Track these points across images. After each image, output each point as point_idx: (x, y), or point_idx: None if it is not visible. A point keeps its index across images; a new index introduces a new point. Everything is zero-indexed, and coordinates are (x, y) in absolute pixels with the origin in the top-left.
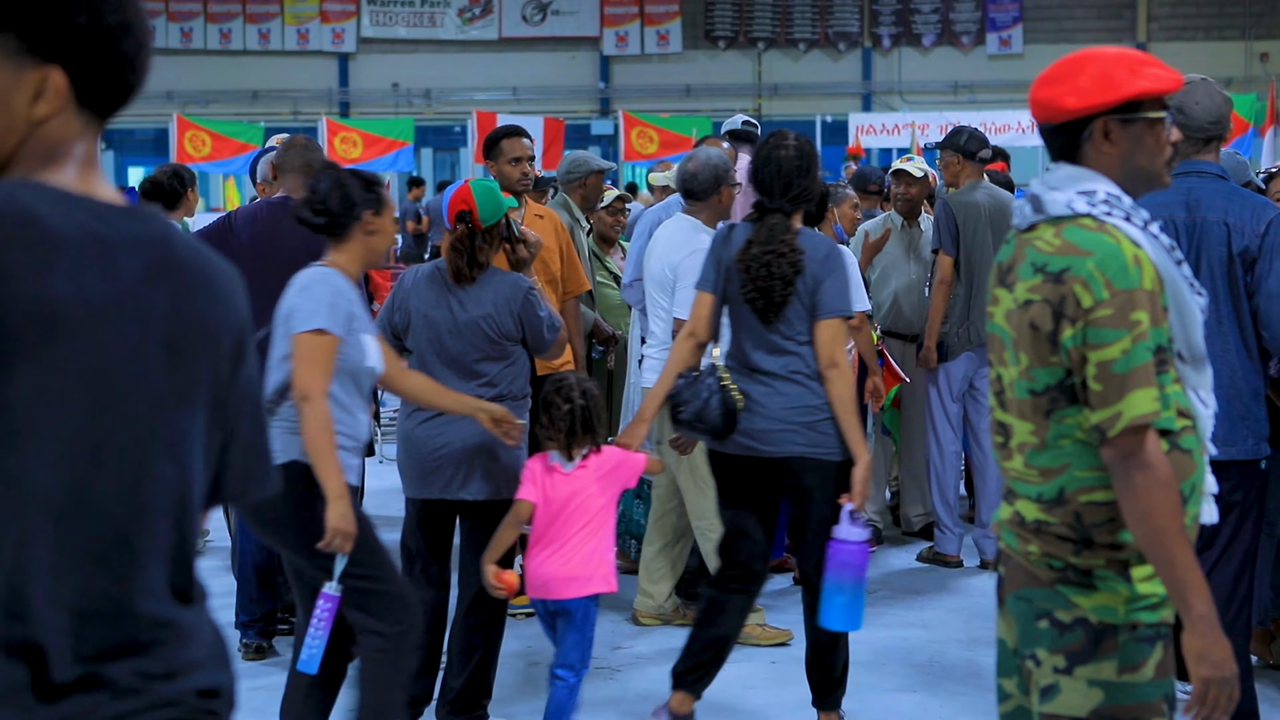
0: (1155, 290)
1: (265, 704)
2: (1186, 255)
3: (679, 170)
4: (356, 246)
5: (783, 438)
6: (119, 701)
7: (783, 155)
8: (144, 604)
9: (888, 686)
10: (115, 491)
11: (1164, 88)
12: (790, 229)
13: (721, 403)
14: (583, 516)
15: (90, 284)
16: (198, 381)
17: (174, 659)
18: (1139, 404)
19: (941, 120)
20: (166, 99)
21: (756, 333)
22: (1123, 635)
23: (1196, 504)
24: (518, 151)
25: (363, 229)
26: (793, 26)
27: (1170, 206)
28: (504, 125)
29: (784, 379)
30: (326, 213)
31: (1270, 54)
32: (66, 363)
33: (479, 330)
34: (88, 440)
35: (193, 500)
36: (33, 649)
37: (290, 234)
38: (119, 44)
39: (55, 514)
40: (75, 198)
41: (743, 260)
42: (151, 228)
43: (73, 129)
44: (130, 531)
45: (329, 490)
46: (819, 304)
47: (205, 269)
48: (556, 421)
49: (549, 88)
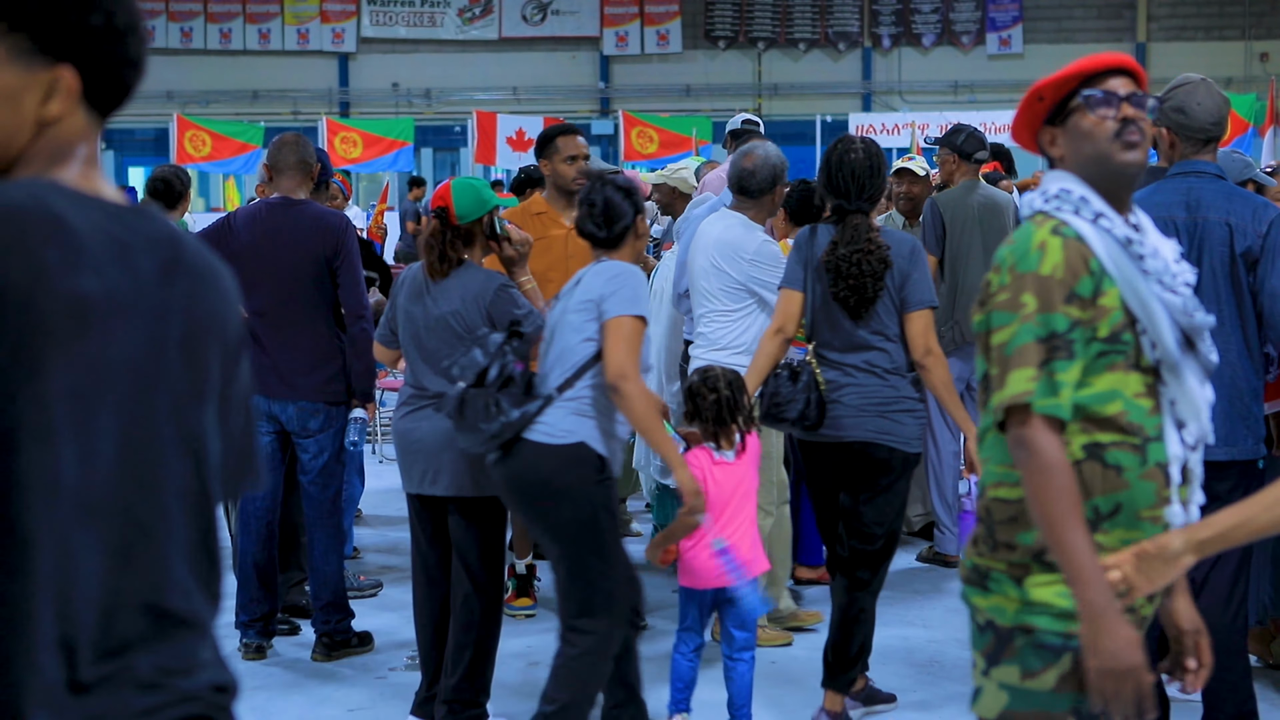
0: (1058, 277)
1: (265, 703)
2: (1188, 255)
3: (732, 166)
4: (628, 251)
5: (857, 424)
6: (145, 697)
7: (854, 158)
8: (170, 600)
9: (888, 686)
10: (140, 487)
11: (1068, 73)
12: (872, 227)
13: (818, 400)
14: (749, 502)
15: (114, 281)
16: (209, 378)
17: (192, 655)
18: (1013, 384)
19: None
20: (166, 99)
21: (844, 329)
22: (1019, 640)
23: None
24: (573, 149)
25: (633, 234)
26: (793, 26)
27: (1170, 207)
28: (558, 124)
29: (865, 371)
30: (609, 226)
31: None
32: (95, 358)
33: (448, 326)
34: (115, 436)
35: (211, 495)
36: (68, 646)
37: (289, 234)
38: (127, 44)
39: (88, 510)
40: (88, 198)
41: (831, 260)
42: (160, 227)
43: (80, 128)
44: (155, 527)
45: (671, 460)
46: (907, 297)
47: (211, 268)
48: (703, 412)
49: (549, 88)
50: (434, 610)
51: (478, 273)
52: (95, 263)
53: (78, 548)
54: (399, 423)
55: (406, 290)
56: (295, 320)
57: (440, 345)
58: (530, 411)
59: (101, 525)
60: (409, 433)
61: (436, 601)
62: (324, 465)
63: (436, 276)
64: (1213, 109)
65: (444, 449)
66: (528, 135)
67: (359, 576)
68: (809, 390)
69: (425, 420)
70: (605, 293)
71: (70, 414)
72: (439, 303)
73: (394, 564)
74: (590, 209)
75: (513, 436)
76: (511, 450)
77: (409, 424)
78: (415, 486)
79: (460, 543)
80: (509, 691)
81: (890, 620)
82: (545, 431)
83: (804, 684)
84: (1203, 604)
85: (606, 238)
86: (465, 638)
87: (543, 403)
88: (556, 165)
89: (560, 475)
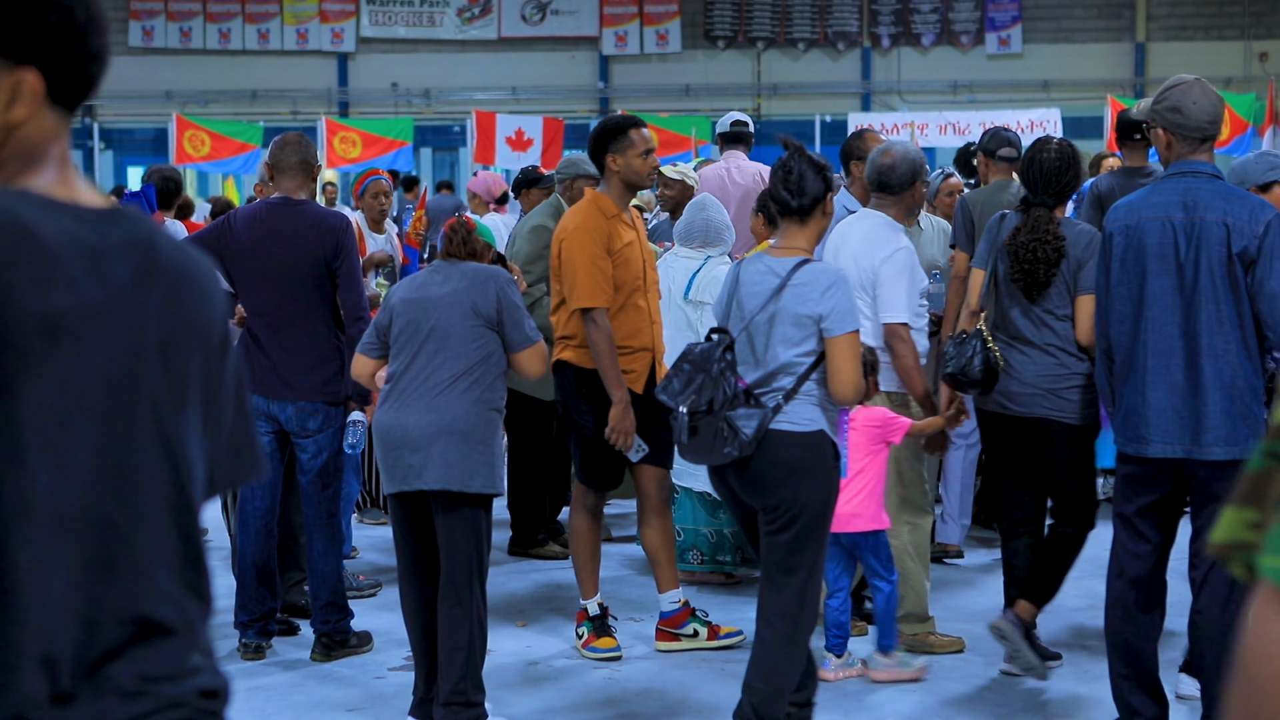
0: None
1: (265, 704)
2: (1185, 255)
3: (870, 164)
4: (814, 228)
5: (1031, 401)
6: (128, 705)
7: (1044, 157)
8: (154, 608)
9: (889, 684)
10: (120, 498)
11: None
12: (1053, 220)
13: (984, 361)
14: (854, 464)
15: (86, 293)
16: (191, 382)
17: (178, 661)
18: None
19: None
20: (166, 99)
21: (1022, 308)
22: None
23: None
24: (646, 144)
25: (821, 211)
26: (792, 26)
27: (1168, 207)
28: (623, 115)
29: (1039, 349)
30: (801, 196)
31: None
32: (69, 373)
33: (450, 305)
34: (92, 449)
35: (193, 500)
36: (49, 661)
37: (289, 234)
38: (88, 39)
39: (65, 525)
40: (61, 204)
41: (1011, 246)
42: (136, 231)
43: (48, 130)
44: (137, 537)
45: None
46: (1080, 283)
47: (189, 268)
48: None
49: (548, 87)
50: (422, 610)
51: (485, 266)
52: (67, 275)
53: (55, 563)
54: (381, 416)
55: (404, 287)
56: (294, 320)
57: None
58: (763, 424)
59: (80, 538)
60: (393, 426)
61: (425, 601)
62: (323, 465)
63: (447, 257)
64: (1208, 108)
65: (432, 441)
66: (527, 135)
67: (358, 576)
68: (975, 352)
69: (411, 413)
70: (823, 311)
71: (44, 431)
72: (441, 285)
73: (393, 564)
74: (787, 176)
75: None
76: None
77: (392, 416)
78: (399, 484)
79: (446, 539)
80: (509, 691)
81: None
82: (789, 421)
83: None
84: (1202, 604)
85: (797, 207)
86: (457, 638)
87: (771, 412)
88: (631, 160)
89: (808, 458)
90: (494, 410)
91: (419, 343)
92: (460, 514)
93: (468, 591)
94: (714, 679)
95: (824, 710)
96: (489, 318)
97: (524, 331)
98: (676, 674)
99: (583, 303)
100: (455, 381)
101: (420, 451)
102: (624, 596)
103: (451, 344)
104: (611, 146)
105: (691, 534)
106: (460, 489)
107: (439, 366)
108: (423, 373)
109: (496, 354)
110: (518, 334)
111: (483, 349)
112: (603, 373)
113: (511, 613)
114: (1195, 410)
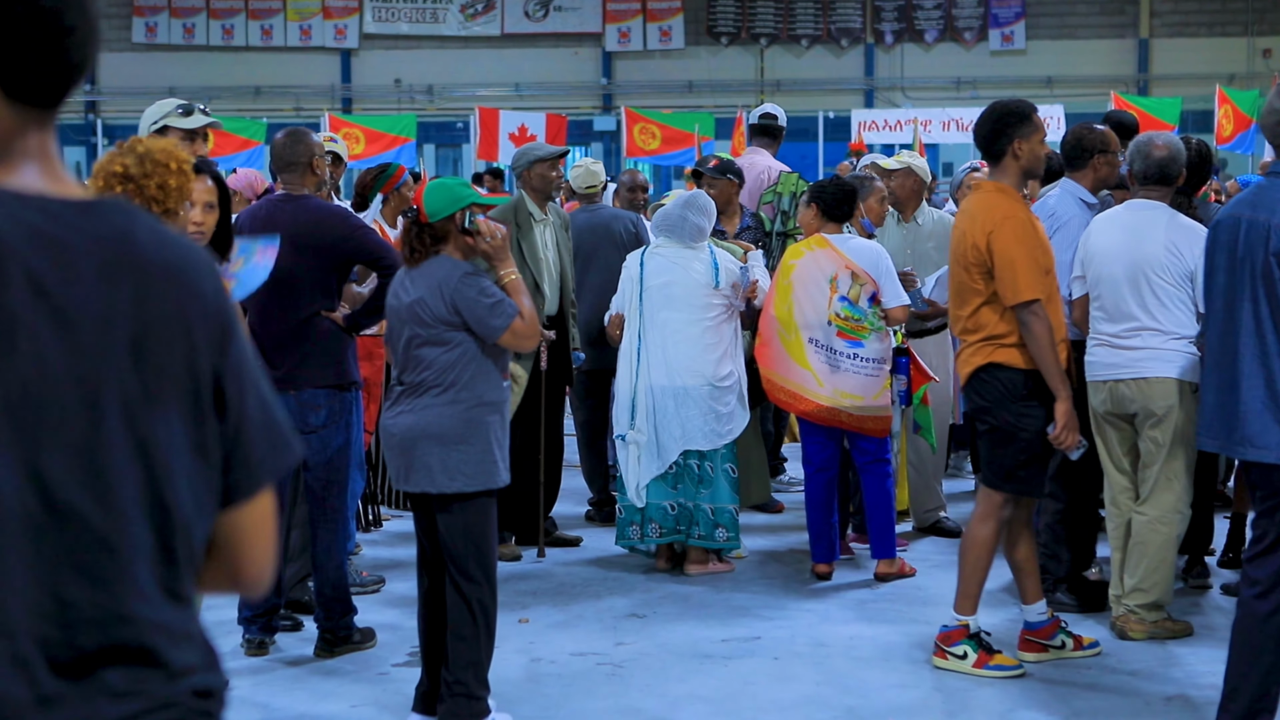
0: None
1: (268, 699)
2: (1241, 254)
3: (1139, 158)
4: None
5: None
6: (118, 705)
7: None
8: (135, 607)
9: (890, 683)
10: (89, 497)
11: None
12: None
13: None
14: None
15: (46, 289)
16: (169, 378)
17: (169, 660)
18: None
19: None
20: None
21: None
22: None
23: None
24: (1043, 131)
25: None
26: (795, 22)
27: (1244, 204)
28: (1017, 101)
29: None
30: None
31: (1273, 50)
32: (28, 374)
33: (414, 314)
34: (59, 449)
35: (173, 499)
36: (21, 661)
37: (290, 229)
38: (49, 33)
39: (28, 525)
40: (26, 198)
41: None
42: (111, 223)
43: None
44: (111, 535)
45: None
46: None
47: (171, 258)
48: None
49: (551, 84)
50: (427, 604)
51: (445, 262)
52: (25, 272)
53: (18, 563)
54: (383, 419)
55: (391, 290)
56: (296, 315)
57: (407, 333)
58: None
59: (47, 538)
60: (389, 429)
61: (430, 596)
62: (327, 461)
63: (410, 265)
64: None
65: (413, 445)
66: (530, 131)
67: (361, 572)
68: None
69: (402, 416)
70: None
71: (6, 432)
72: (409, 292)
73: (396, 559)
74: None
75: None
76: None
77: (389, 419)
78: (398, 484)
79: (445, 536)
80: (512, 689)
81: (893, 617)
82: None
83: (805, 681)
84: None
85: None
86: (460, 632)
87: None
88: (1035, 146)
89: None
90: (477, 406)
91: (400, 349)
92: (450, 512)
93: (469, 585)
94: (715, 677)
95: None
96: (451, 321)
97: (491, 322)
98: (678, 670)
99: (1027, 295)
100: (431, 386)
101: (405, 455)
102: (625, 592)
103: (425, 350)
104: (1018, 132)
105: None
106: (439, 491)
107: (418, 371)
108: (405, 376)
109: (470, 350)
110: (484, 328)
111: (452, 350)
112: (1046, 368)
113: (515, 607)
114: (1232, 408)
